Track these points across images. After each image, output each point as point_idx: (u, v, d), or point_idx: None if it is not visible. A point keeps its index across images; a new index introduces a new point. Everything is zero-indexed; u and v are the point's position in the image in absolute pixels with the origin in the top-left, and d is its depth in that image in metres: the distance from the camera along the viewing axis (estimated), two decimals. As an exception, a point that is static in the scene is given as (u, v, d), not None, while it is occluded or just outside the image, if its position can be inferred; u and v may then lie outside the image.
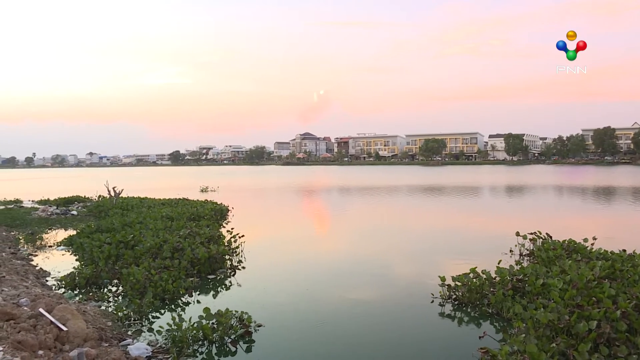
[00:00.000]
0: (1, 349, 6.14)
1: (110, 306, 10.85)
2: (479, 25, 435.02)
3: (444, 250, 18.00)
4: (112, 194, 33.10)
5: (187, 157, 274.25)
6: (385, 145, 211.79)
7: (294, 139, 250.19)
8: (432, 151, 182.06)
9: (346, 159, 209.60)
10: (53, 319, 7.43)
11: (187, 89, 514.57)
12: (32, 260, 16.34)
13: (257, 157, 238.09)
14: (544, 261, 13.37)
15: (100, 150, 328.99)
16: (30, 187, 63.21)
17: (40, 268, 14.89)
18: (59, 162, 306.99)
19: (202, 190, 49.10)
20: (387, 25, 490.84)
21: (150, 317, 10.20)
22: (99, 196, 37.60)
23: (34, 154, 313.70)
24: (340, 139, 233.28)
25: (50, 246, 19.21)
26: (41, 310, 7.71)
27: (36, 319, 7.47)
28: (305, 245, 20.09)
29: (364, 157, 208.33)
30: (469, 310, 10.55)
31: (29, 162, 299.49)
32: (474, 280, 11.20)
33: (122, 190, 33.79)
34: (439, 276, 11.71)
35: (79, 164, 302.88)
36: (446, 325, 9.84)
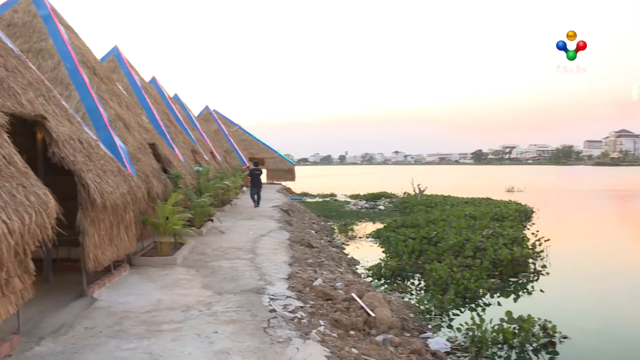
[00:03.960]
0: (322, 323, 6.88)
1: (413, 299, 11.29)
2: None
3: None
4: (417, 191, 34.30)
5: (490, 156, 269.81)
6: None
7: (607, 137, 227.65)
8: None
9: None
10: (363, 304, 8.04)
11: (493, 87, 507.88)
12: (345, 248, 17.89)
13: (564, 156, 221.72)
14: None
15: (405, 149, 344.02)
16: (342, 182, 69.13)
17: (352, 257, 16.20)
18: (367, 159, 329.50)
19: (507, 190, 47.61)
20: None
21: (450, 313, 10.33)
22: (404, 192, 39.27)
23: (346, 152, 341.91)
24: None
25: (360, 237, 20.79)
26: (353, 294, 8.40)
27: (349, 302, 8.16)
28: (617, 255, 18.13)
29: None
30: None
31: (342, 160, 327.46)
32: None
33: (426, 187, 34.79)
34: None
35: (385, 161, 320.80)
36: None
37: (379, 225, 23.49)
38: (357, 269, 14.43)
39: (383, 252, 17.08)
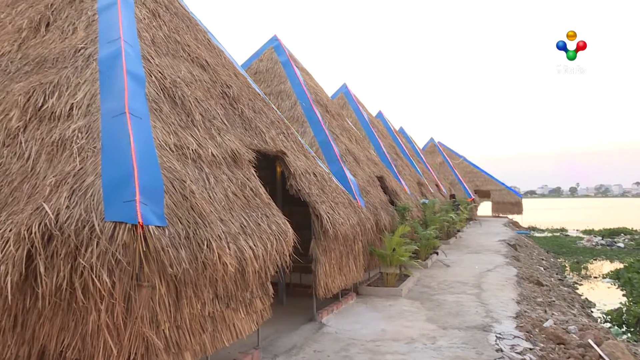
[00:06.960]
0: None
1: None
2: None
3: None
4: (663, 228, 30.59)
5: None
6: None
7: None
8: None
9: None
10: (602, 354, 7.30)
11: None
12: (577, 288, 16.56)
13: None
14: None
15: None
16: (573, 216, 64.30)
17: (586, 298, 14.92)
18: (602, 192, 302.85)
19: None
20: None
21: None
22: (648, 229, 35.31)
23: (578, 183, 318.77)
24: None
25: (595, 277, 19.09)
26: (590, 341, 7.69)
27: (584, 349, 7.48)
28: None
29: None
30: None
31: (573, 192, 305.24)
32: None
33: (675, 224, 30.88)
34: None
35: (623, 194, 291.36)
36: None
37: (619, 265, 21.32)
38: (592, 312, 13.24)
39: (624, 295, 15.42)
